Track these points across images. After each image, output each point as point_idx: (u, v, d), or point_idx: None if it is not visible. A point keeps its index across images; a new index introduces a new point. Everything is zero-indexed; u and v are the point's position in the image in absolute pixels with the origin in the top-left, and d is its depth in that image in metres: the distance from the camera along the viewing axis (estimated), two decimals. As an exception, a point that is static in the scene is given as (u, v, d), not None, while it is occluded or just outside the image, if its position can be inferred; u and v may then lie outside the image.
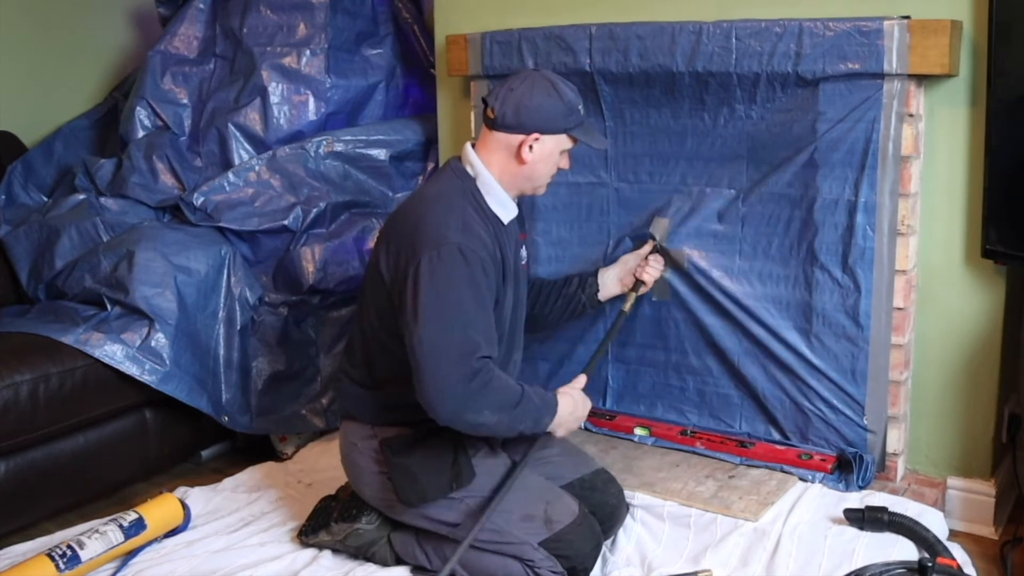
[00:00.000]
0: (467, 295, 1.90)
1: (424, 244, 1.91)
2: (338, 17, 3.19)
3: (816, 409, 2.38)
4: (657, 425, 2.60)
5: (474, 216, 2.00)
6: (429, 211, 1.99)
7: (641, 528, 2.24)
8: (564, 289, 2.41)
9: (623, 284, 2.46)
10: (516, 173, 2.05)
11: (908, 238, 2.27)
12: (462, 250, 1.90)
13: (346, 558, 2.22)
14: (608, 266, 2.49)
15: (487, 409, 1.90)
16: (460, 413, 1.88)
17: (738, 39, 2.29)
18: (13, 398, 2.39)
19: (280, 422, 2.86)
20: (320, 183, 3.05)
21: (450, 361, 1.87)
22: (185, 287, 2.72)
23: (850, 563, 1.99)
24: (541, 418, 2.01)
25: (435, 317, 1.88)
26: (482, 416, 1.90)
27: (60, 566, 2.08)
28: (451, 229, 1.93)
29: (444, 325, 1.88)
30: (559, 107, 2.02)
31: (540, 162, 2.04)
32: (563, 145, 2.06)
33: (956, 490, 2.39)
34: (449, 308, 1.89)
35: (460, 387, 1.87)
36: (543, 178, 2.09)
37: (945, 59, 2.11)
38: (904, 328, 2.31)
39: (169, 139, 3.15)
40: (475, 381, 1.87)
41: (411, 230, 1.97)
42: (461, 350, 1.88)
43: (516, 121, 2.01)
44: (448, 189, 2.04)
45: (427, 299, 1.88)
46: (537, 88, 2.02)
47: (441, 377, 1.87)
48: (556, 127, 2.03)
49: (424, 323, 1.88)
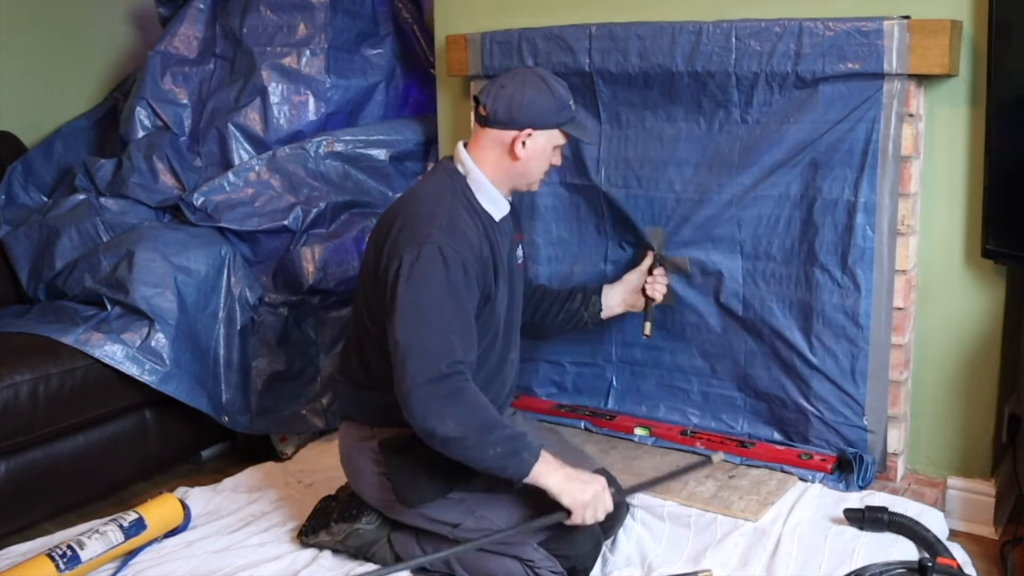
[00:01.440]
0: (443, 296, 1.90)
1: (407, 243, 1.92)
2: (338, 17, 3.19)
3: (816, 409, 2.38)
4: (657, 425, 2.60)
5: (462, 214, 2.00)
6: (415, 210, 2.00)
7: (641, 528, 2.24)
8: (568, 304, 2.41)
9: (628, 304, 2.46)
10: (509, 170, 2.06)
11: (908, 238, 2.27)
12: (442, 250, 1.90)
13: (346, 558, 2.22)
14: (613, 284, 2.48)
15: (451, 420, 1.83)
16: (425, 417, 1.84)
17: (738, 39, 2.29)
18: (13, 398, 2.39)
19: (280, 422, 2.86)
20: (320, 183, 3.05)
21: (419, 362, 1.85)
22: (185, 287, 2.72)
23: (850, 563, 1.99)
24: (520, 454, 1.87)
25: (409, 316, 1.88)
26: (446, 426, 1.83)
27: (60, 566, 2.08)
28: (435, 228, 1.93)
29: (417, 325, 1.88)
30: (551, 102, 2.02)
31: (533, 158, 2.05)
32: (555, 141, 2.07)
33: (956, 490, 2.39)
34: (424, 308, 1.89)
35: (425, 389, 1.84)
36: (536, 174, 2.09)
37: (945, 59, 2.11)
38: (904, 328, 2.30)
39: (169, 139, 3.15)
40: (442, 385, 1.84)
41: (397, 229, 1.97)
42: (432, 351, 1.86)
43: (509, 117, 2.01)
44: (437, 188, 2.05)
45: (404, 298, 1.89)
46: (529, 84, 2.03)
47: (409, 376, 1.85)
48: (548, 122, 2.03)
49: (399, 322, 1.88)
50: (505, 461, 1.87)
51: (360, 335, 2.10)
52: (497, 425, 1.88)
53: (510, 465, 1.88)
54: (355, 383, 2.13)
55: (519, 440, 1.89)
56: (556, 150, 2.09)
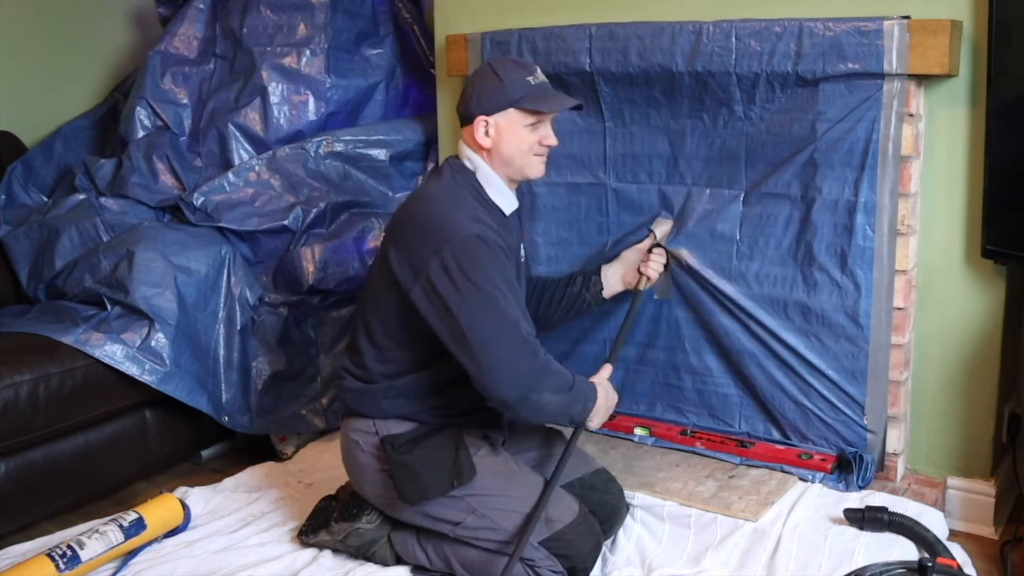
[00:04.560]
0: (498, 277, 1.94)
1: (442, 238, 1.94)
2: (338, 17, 3.19)
3: (816, 409, 2.38)
4: (657, 425, 2.60)
5: (479, 208, 2.03)
6: (437, 208, 2.02)
7: (641, 528, 2.24)
8: (568, 288, 2.42)
9: (626, 282, 2.47)
10: (492, 161, 2.08)
11: (908, 238, 2.27)
12: (482, 237, 1.94)
13: (346, 558, 2.22)
14: (610, 263, 2.49)
15: (548, 390, 1.95)
16: (527, 393, 1.92)
17: (738, 39, 2.29)
18: (13, 398, 2.39)
19: (280, 422, 2.86)
20: (320, 183, 3.05)
21: (510, 345, 1.91)
22: (185, 287, 2.72)
23: (850, 563, 1.99)
24: (587, 403, 2.05)
25: (476, 306, 1.91)
26: (544, 397, 1.94)
27: (60, 566, 2.08)
28: (464, 220, 1.96)
29: (487, 312, 1.91)
30: (495, 86, 2.04)
31: (503, 143, 2.05)
32: (518, 120, 2.05)
33: (956, 490, 2.39)
34: (486, 294, 1.92)
35: (526, 366, 1.92)
36: (520, 157, 2.07)
37: (945, 59, 2.11)
38: (904, 328, 2.31)
39: (169, 139, 3.15)
40: (530, 360, 1.93)
41: (421, 229, 1.99)
42: (513, 332, 1.92)
43: (465, 112, 2.08)
44: (451, 185, 2.07)
45: (465, 289, 1.91)
46: (478, 76, 2.09)
47: (508, 362, 1.91)
48: (499, 104, 2.04)
49: (467, 315, 1.90)
50: (580, 414, 2.05)
51: (370, 330, 2.11)
52: (576, 383, 2.02)
53: (582, 416, 2.06)
54: (360, 378, 2.13)
55: (588, 394, 2.05)
56: (534, 128, 2.07)
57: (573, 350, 2.73)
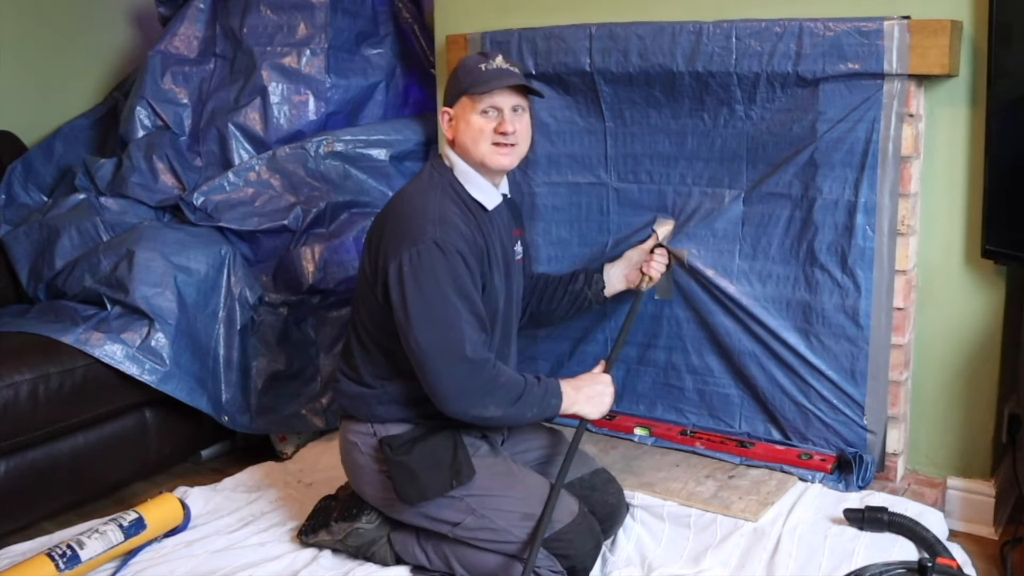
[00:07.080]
0: (449, 290, 1.94)
1: (403, 242, 1.96)
2: (338, 17, 3.19)
3: (816, 409, 2.38)
4: (657, 425, 2.60)
5: (451, 207, 2.03)
6: (404, 209, 2.03)
7: (641, 528, 2.24)
8: (570, 286, 2.42)
9: (628, 281, 2.47)
10: (461, 154, 2.09)
11: (908, 238, 2.27)
12: (439, 244, 1.94)
13: (346, 558, 2.22)
14: (613, 262, 2.49)
15: (492, 404, 1.97)
16: (466, 408, 1.97)
17: (738, 39, 2.29)
18: (13, 398, 2.39)
19: (280, 422, 2.86)
20: (320, 183, 3.05)
21: (449, 363, 1.93)
22: (185, 287, 2.72)
23: (850, 563, 1.99)
24: (548, 401, 2.06)
25: (424, 317, 1.93)
26: (488, 411, 1.97)
27: (60, 566, 2.08)
28: (428, 223, 1.97)
29: (435, 324, 1.93)
30: (454, 77, 2.11)
31: (459, 132, 2.08)
32: (471, 107, 2.06)
33: (956, 490, 2.39)
34: (436, 307, 1.93)
35: (465, 384, 1.94)
36: (475, 146, 2.06)
37: (945, 59, 2.11)
38: (904, 328, 2.31)
39: (169, 139, 3.15)
40: (472, 377, 1.94)
41: (390, 228, 2.01)
42: (454, 350, 1.93)
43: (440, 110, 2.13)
44: (426, 183, 2.09)
45: (413, 299, 1.93)
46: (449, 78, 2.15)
47: (446, 378, 1.94)
48: (453, 96, 2.10)
49: (415, 324, 1.93)
50: (540, 414, 2.06)
51: (359, 334, 2.11)
52: (526, 389, 2.01)
53: (545, 414, 2.07)
54: (355, 381, 2.13)
55: (546, 392, 2.06)
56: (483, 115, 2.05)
57: (574, 349, 2.73)
